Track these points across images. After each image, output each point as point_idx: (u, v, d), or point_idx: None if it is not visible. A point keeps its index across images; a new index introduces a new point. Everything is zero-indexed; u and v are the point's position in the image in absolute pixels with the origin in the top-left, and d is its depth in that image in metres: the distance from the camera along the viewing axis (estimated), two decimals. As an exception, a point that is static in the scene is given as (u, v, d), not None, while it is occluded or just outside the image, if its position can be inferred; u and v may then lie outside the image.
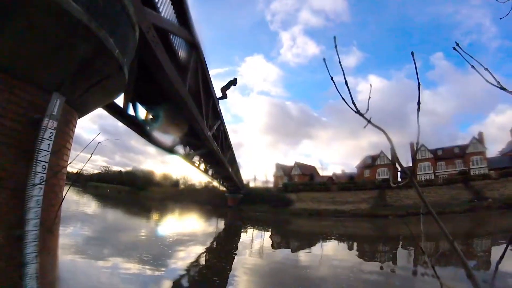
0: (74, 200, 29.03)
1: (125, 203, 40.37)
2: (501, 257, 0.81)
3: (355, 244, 19.37)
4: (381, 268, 11.90)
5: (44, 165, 3.96)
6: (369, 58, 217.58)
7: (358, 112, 1.11)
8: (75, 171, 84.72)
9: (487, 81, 1.00)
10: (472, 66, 1.05)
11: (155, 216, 29.65)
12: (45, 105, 3.95)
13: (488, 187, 44.76)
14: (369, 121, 1.12)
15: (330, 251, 16.03)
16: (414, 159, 59.81)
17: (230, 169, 29.52)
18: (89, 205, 27.08)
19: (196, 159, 24.62)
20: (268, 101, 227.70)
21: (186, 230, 19.21)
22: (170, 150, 18.57)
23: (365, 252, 16.74)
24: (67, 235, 10.54)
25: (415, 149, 0.83)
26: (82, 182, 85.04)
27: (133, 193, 77.16)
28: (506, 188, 42.71)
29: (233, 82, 16.09)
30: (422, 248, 1.22)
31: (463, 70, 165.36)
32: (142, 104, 14.17)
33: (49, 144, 4.10)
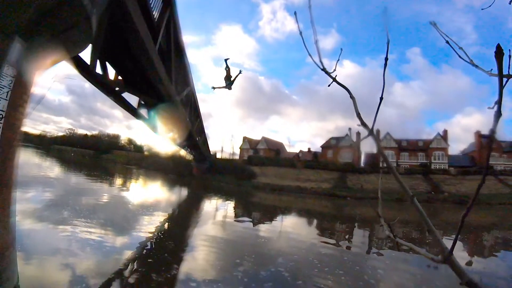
0: (36, 164, 27.91)
1: (89, 167, 39.42)
2: (464, 216, 0.84)
3: (313, 220, 20.00)
4: (336, 244, 12.40)
5: (0, 114, 3.77)
6: (347, 43, 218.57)
7: (324, 69, 1.13)
8: (37, 132, 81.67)
9: (460, 57, 1.04)
10: (447, 42, 1.07)
11: (118, 182, 29.22)
12: (5, 51, 3.71)
13: (446, 182, 47.64)
14: (334, 79, 1.15)
15: (289, 226, 16.47)
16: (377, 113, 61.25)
17: (197, 138, 29.26)
18: (52, 169, 26.18)
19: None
20: (242, 74, 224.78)
21: (149, 197, 19.10)
22: (137, 113, 18.16)
23: (322, 228, 17.32)
24: (28, 200, 10.21)
25: (379, 102, 0.82)
26: (45, 144, 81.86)
27: (97, 156, 75.52)
28: (462, 185, 45.56)
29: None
30: (379, 213, 1.26)
31: (437, 69, 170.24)
32: (111, 63, 13.66)
33: (7, 93, 3.89)
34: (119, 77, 14.62)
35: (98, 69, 12.90)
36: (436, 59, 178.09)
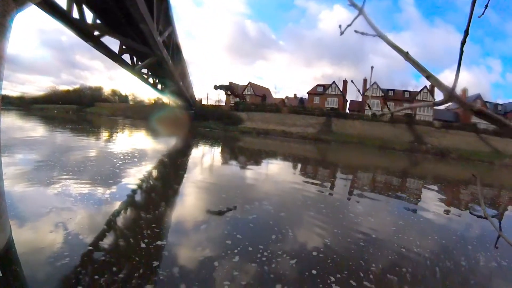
0: (18, 126, 27.12)
1: (73, 122, 38.70)
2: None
3: (297, 164, 20.52)
4: (319, 185, 12.91)
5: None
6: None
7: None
8: (17, 94, 79.78)
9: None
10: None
11: (104, 134, 28.94)
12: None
13: (429, 134, 49.27)
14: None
15: (275, 169, 16.88)
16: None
17: (181, 83, 28.86)
18: (35, 129, 25.55)
19: (144, 71, 23.78)
20: (228, 18, 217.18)
21: (136, 147, 19.05)
22: (119, 59, 17.76)
23: (306, 171, 17.84)
24: (15, 164, 10.08)
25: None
26: (26, 105, 79.58)
27: (80, 111, 74.57)
28: (445, 138, 47.14)
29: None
30: (369, 105, 1.38)
31: (430, 22, 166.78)
32: (89, 7, 13.16)
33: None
34: (98, 21, 14.16)
35: (76, 15, 12.48)
36: (429, 11, 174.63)
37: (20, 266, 4.05)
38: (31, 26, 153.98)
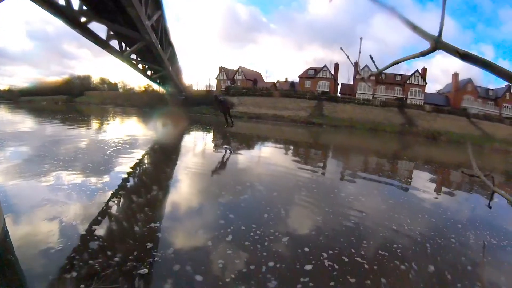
0: (8, 120, 26.66)
1: (62, 113, 38.07)
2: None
3: (289, 147, 20.59)
4: (311, 167, 13.00)
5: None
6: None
7: None
8: (5, 88, 78.41)
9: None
10: None
11: (94, 123, 28.60)
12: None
13: (420, 117, 50.07)
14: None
15: (267, 152, 16.95)
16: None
17: (170, 68, 28.57)
18: (25, 122, 25.11)
19: (133, 57, 23.50)
20: (218, 1, 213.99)
21: (126, 134, 18.90)
22: (107, 45, 17.51)
23: (298, 154, 17.92)
24: (5, 157, 9.93)
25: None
26: (14, 98, 78.19)
27: (70, 101, 73.71)
28: (435, 122, 47.92)
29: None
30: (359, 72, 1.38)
31: (422, 6, 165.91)
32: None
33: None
34: (84, 7, 13.92)
35: (61, 1, 12.26)
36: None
37: (15, 256, 4.04)
38: (16, 18, 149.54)
